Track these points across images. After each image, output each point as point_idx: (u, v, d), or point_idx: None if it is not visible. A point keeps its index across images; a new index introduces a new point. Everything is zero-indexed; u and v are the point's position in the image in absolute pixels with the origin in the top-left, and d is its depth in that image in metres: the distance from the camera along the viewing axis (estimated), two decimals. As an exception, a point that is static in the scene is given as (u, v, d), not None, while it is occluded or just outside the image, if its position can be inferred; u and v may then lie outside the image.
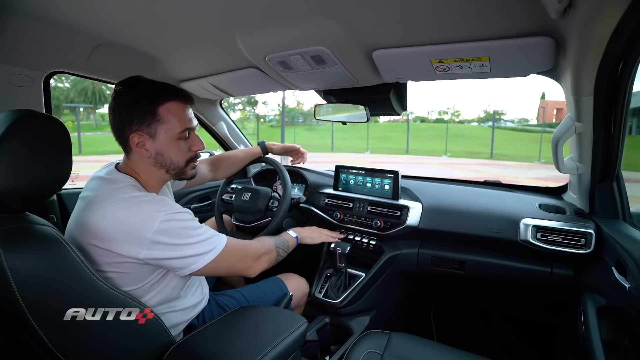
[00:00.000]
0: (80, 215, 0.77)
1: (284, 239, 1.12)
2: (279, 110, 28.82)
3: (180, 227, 0.77)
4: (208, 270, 0.82)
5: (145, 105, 0.79)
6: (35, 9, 0.86)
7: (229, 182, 1.52)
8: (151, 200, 0.77)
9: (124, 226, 0.72)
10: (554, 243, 1.05)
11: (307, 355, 1.14)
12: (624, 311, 0.80)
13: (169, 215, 0.75)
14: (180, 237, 0.76)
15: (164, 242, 0.74)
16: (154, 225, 0.73)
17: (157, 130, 0.81)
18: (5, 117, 0.59)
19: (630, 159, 1.01)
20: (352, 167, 1.51)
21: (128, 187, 0.79)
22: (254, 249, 0.95)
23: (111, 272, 0.75)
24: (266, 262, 0.98)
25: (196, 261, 0.79)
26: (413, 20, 0.77)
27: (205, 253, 0.80)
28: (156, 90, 0.81)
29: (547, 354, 1.34)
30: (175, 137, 0.83)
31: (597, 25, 0.63)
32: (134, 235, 0.72)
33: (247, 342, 0.79)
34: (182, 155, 0.86)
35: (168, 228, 0.74)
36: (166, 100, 0.81)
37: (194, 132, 0.89)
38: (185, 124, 0.84)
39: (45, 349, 0.61)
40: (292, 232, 1.19)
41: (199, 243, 0.79)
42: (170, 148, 0.83)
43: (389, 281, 1.33)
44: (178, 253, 0.76)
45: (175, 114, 0.82)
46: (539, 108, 33.34)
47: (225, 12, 0.83)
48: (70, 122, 17.72)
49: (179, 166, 0.86)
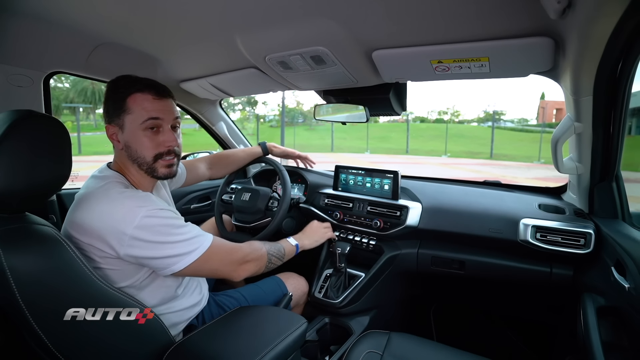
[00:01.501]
0: (70, 213, 0.77)
1: (280, 246, 1.08)
2: (279, 110, 28.85)
3: (162, 225, 0.75)
4: (189, 272, 0.80)
5: (116, 97, 0.81)
6: (35, 9, 0.86)
7: (229, 182, 1.52)
8: (134, 196, 0.76)
9: (105, 221, 0.71)
10: (554, 243, 1.05)
11: (307, 355, 1.14)
12: (623, 311, 0.80)
13: (151, 211, 0.74)
14: (161, 234, 0.74)
15: (143, 238, 0.72)
16: (134, 221, 0.71)
17: (124, 121, 0.81)
18: (5, 117, 0.59)
19: (629, 159, 1.01)
20: (352, 167, 1.51)
21: (113, 184, 0.80)
22: (240, 253, 0.91)
23: (104, 268, 0.74)
24: (254, 268, 0.95)
25: (177, 262, 0.76)
26: (412, 21, 0.77)
27: (186, 253, 0.77)
28: (127, 83, 0.81)
29: (546, 354, 1.34)
30: (140, 127, 0.80)
31: (596, 26, 0.63)
32: (114, 230, 0.71)
33: (246, 342, 0.79)
34: (149, 149, 0.82)
35: (149, 224, 0.73)
36: (135, 91, 0.81)
37: (167, 126, 0.84)
38: (150, 114, 0.81)
39: (45, 349, 0.61)
40: (292, 240, 1.16)
41: (180, 242, 0.77)
42: (136, 139, 0.81)
43: (389, 281, 1.33)
44: (158, 252, 0.74)
45: (140, 105, 0.81)
46: (539, 108, 33.36)
47: (225, 13, 0.83)
48: (70, 122, 17.75)
49: (146, 160, 0.83)
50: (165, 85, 0.86)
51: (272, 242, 1.07)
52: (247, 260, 0.93)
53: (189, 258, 0.78)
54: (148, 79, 0.84)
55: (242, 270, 0.92)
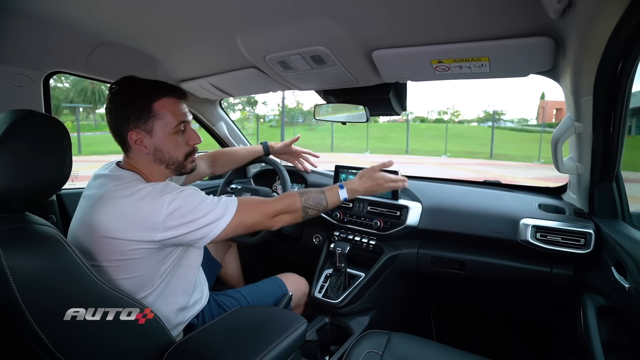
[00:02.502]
0: (86, 214, 0.78)
1: (321, 197, 1.00)
2: (279, 110, 28.83)
3: (188, 203, 0.79)
4: (228, 233, 0.84)
5: (141, 102, 0.81)
6: (35, 9, 0.86)
7: (229, 182, 1.52)
8: (154, 189, 0.79)
9: (135, 218, 0.74)
10: (554, 243, 1.05)
11: (307, 355, 1.14)
12: (623, 311, 0.80)
13: (173, 195, 0.78)
14: (190, 213, 0.79)
15: (177, 222, 0.77)
16: (162, 210, 0.75)
17: (153, 127, 0.82)
18: (5, 117, 0.59)
19: (629, 159, 1.01)
20: (352, 167, 1.51)
21: (134, 182, 0.81)
22: (271, 207, 0.92)
23: (124, 259, 0.76)
24: (290, 219, 0.96)
25: (212, 228, 0.81)
26: (413, 20, 0.77)
27: (219, 219, 0.82)
28: (150, 88, 0.83)
29: (546, 354, 1.34)
30: (172, 132, 0.84)
31: (596, 25, 0.63)
32: (146, 224, 0.75)
33: (246, 342, 0.79)
34: (180, 150, 0.87)
35: (176, 207, 0.77)
36: (160, 96, 0.82)
37: (190, 126, 0.90)
38: (180, 118, 0.85)
39: (45, 349, 0.61)
40: (343, 190, 1.03)
41: (210, 212, 0.81)
42: (168, 143, 0.85)
43: (389, 281, 1.33)
44: (193, 226, 0.79)
45: (169, 109, 0.83)
46: (539, 108, 33.34)
47: (225, 12, 0.83)
48: (70, 122, 17.73)
49: (178, 160, 0.88)
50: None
51: (312, 192, 1.00)
52: (277, 213, 0.94)
53: (222, 222, 0.82)
54: (165, 82, 0.86)
55: (277, 222, 0.94)
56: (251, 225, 0.89)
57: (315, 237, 1.55)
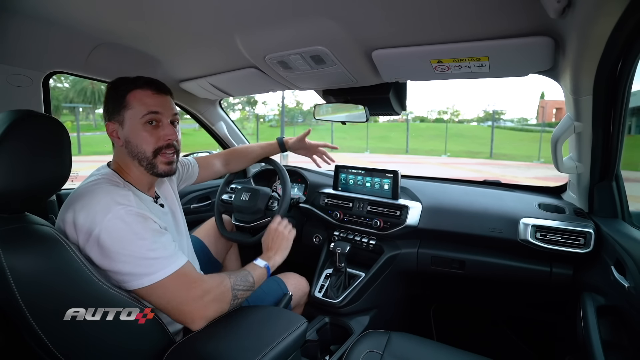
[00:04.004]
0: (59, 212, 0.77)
1: (246, 274, 0.90)
2: (279, 110, 28.86)
3: (126, 231, 0.69)
4: (142, 294, 0.72)
5: (116, 94, 0.82)
6: (35, 9, 0.86)
7: (229, 182, 1.52)
8: (112, 192, 0.74)
9: (81, 215, 0.69)
10: (554, 242, 1.05)
11: (307, 355, 1.14)
12: (623, 310, 0.80)
13: (120, 212, 0.69)
14: (120, 242, 0.68)
15: (103, 243, 0.67)
16: (103, 221, 0.68)
17: (124, 117, 0.82)
18: (5, 117, 0.59)
19: (629, 158, 1.01)
20: (352, 166, 1.51)
21: (100, 180, 0.79)
22: (200, 288, 0.77)
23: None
24: (217, 307, 0.81)
25: (128, 280, 0.69)
26: (412, 20, 0.77)
27: (138, 275, 0.69)
28: (129, 82, 0.83)
29: (546, 353, 1.34)
30: (140, 122, 0.81)
31: (596, 25, 0.63)
32: (84, 226, 0.68)
33: (246, 342, 0.79)
34: (149, 143, 0.82)
35: (113, 228, 0.68)
36: (135, 88, 0.82)
37: (167, 121, 0.85)
38: (149, 108, 0.81)
39: (45, 349, 0.61)
40: (260, 261, 0.99)
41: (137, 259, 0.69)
42: (136, 134, 0.82)
43: (389, 281, 1.33)
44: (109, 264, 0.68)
45: (140, 100, 0.82)
46: (538, 107, 33.35)
47: (225, 12, 0.82)
48: (70, 122, 17.74)
49: (146, 155, 0.83)
50: (164, 83, 0.87)
51: (237, 272, 0.89)
52: (208, 297, 0.79)
53: (139, 281, 0.70)
54: (147, 77, 0.85)
55: (204, 311, 0.78)
56: (164, 305, 0.74)
57: (315, 237, 1.55)
